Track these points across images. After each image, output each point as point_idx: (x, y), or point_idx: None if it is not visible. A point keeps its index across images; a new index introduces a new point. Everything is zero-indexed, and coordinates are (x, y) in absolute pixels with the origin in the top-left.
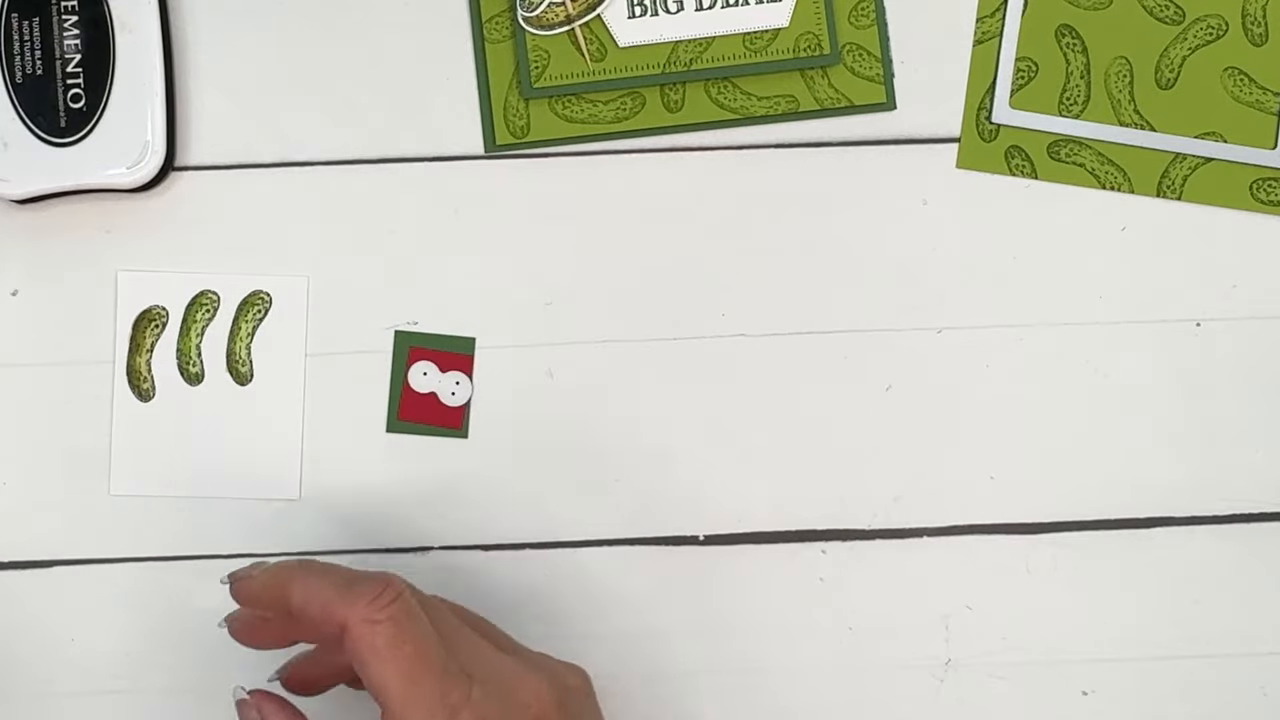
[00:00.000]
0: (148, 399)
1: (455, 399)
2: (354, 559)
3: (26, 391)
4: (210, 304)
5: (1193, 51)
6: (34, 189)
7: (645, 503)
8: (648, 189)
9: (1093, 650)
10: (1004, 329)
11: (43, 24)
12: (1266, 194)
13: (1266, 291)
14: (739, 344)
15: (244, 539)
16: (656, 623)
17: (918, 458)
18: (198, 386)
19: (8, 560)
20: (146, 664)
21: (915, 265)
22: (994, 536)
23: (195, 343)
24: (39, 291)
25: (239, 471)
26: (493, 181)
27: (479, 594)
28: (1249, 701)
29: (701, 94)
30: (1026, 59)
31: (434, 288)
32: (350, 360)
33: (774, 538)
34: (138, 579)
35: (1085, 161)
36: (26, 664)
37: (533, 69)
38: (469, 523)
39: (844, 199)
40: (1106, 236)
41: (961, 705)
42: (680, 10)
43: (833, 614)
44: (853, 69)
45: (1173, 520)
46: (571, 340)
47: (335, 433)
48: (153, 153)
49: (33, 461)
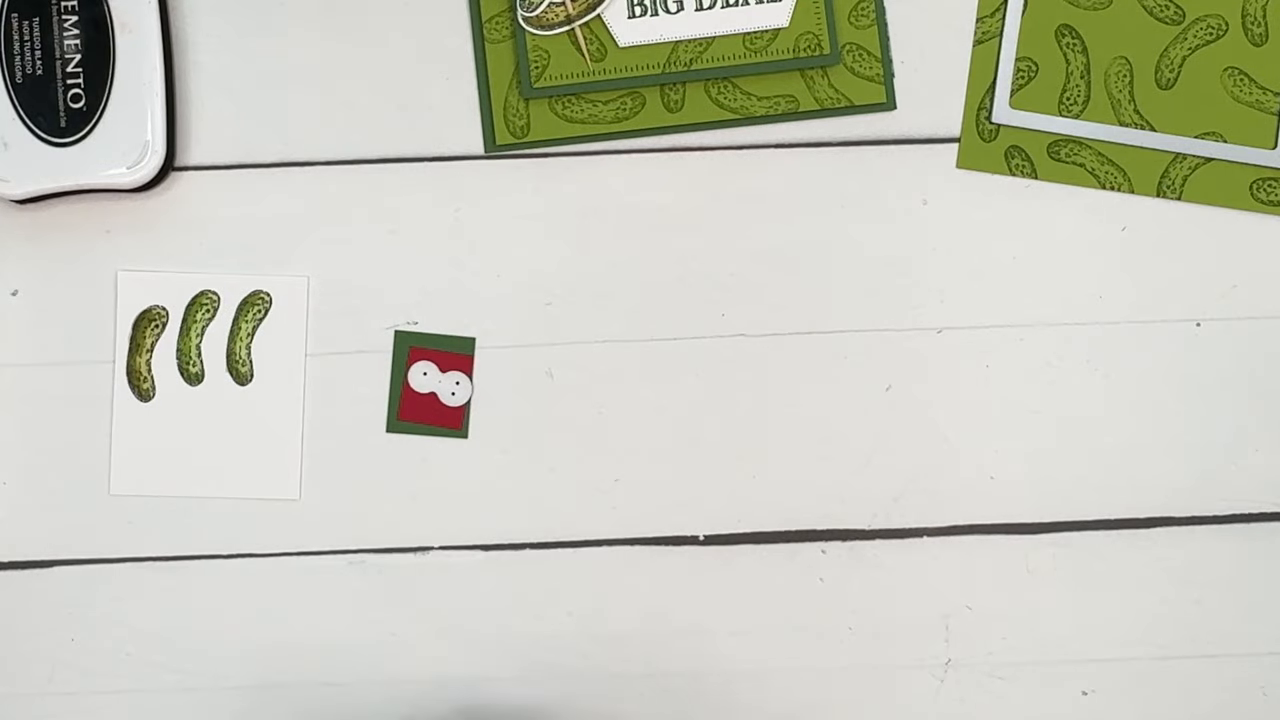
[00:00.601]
0: (148, 399)
1: (455, 399)
2: (354, 559)
3: (26, 391)
4: (210, 304)
5: (1193, 51)
6: (34, 189)
7: (645, 503)
8: (648, 189)
9: (1093, 650)
10: (1004, 329)
11: (43, 24)
12: (1266, 194)
13: (1266, 291)
14: (739, 344)
15: (244, 539)
16: (656, 623)
17: (918, 458)
18: (198, 386)
19: (8, 560)
20: (146, 664)
21: (915, 265)
22: (994, 536)
23: (195, 342)
24: (39, 291)
25: (239, 471)
26: (493, 181)
27: (479, 594)
28: (1249, 701)
29: (701, 94)
30: (1026, 59)
31: (434, 288)
32: (350, 360)
33: (774, 538)
34: (138, 579)
35: (1085, 161)
36: (26, 664)
37: (533, 69)
38: (469, 523)
39: (844, 199)
40: (1106, 236)
41: (961, 705)
42: (680, 10)
43: (833, 614)
44: (853, 69)
45: (1173, 520)
46: (571, 340)
47: (335, 433)
48: (153, 153)
49: (33, 461)
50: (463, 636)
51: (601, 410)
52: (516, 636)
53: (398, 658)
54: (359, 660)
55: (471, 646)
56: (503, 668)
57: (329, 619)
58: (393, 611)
